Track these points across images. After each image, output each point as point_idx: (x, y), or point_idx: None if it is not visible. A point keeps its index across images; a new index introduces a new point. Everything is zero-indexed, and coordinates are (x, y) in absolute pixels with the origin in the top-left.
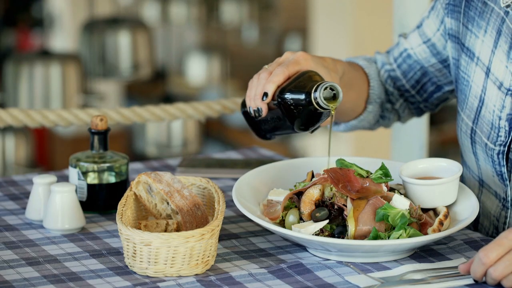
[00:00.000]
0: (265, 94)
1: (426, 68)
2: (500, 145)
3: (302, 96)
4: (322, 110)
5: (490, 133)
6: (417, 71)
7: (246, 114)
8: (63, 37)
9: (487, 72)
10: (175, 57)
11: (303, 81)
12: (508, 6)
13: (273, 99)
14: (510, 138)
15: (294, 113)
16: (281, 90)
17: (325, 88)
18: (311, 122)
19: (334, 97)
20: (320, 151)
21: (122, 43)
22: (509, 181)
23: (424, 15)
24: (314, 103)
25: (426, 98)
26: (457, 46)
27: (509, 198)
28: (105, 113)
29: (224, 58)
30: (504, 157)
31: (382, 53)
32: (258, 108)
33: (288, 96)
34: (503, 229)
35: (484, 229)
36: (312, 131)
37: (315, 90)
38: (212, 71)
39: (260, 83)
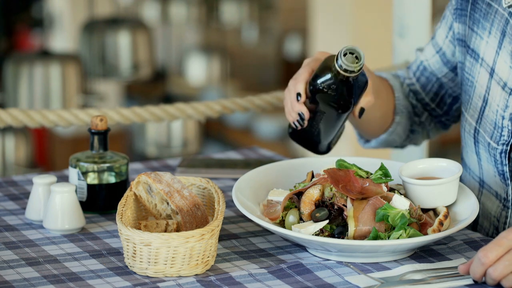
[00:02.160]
0: (298, 95)
1: (441, 80)
2: (503, 144)
3: (328, 74)
4: (352, 76)
5: (494, 133)
6: (434, 83)
7: (294, 133)
8: (63, 37)
9: (491, 72)
10: (175, 57)
11: (324, 63)
12: (510, 6)
13: (307, 97)
14: None
15: (331, 96)
16: (310, 83)
17: (345, 54)
18: (350, 95)
19: (357, 59)
20: None
21: (122, 43)
22: (511, 180)
23: (437, 26)
24: (341, 71)
25: (446, 110)
26: (463, 49)
27: (510, 198)
28: (105, 113)
29: (224, 58)
30: (507, 156)
31: (403, 69)
32: (299, 114)
33: (318, 82)
34: (503, 229)
35: (484, 230)
36: (360, 114)
37: (336, 60)
38: (212, 71)
39: (290, 91)
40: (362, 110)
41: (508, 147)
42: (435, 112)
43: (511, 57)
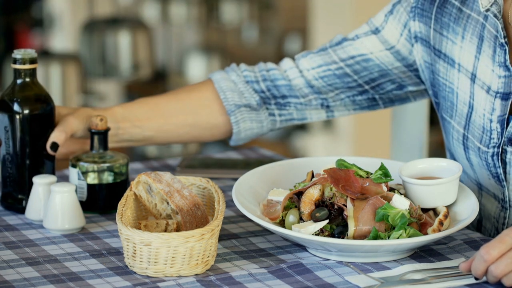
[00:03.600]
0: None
1: (387, 71)
2: (494, 147)
3: None
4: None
5: (482, 137)
6: (374, 72)
7: None
8: (63, 37)
9: (473, 78)
10: (175, 57)
11: None
12: (487, 10)
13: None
14: (503, 139)
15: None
16: None
17: None
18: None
19: None
20: (320, 151)
21: (122, 43)
22: (506, 181)
23: (375, 19)
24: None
25: (382, 93)
26: (428, 50)
27: (507, 199)
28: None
29: (224, 58)
30: (499, 158)
31: (314, 52)
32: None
33: None
34: (503, 230)
35: (487, 231)
36: (53, 148)
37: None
38: (212, 71)
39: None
40: (55, 145)
41: (500, 149)
42: (367, 92)
43: (493, 61)
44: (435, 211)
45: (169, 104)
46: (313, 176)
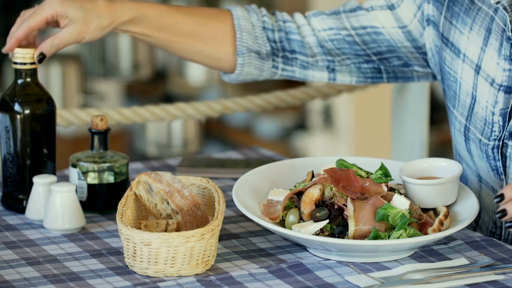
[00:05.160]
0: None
1: (395, 48)
2: (495, 139)
3: None
4: None
5: (484, 129)
6: (383, 46)
7: None
8: None
9: (477, 69)
10: (175, 57)
11: None
12: (498, 2)
13: None
14: (504, 132)
15: None
16: None
17: None
18: None
19: None
20: (320, 151)
21: (122, 43)
22: (505, 175)
23: None
24: None
25: (388, 65)
26: (438, 34)
27: None
28: (105, 113)
29: None
30: (499, 151)
31: (326, 14)
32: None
33: None
34: (501, 223)
35: (485, 224)
36: (40, 60)
37: None
38: (212, 71)
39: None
40: (41, 56)
41: (500, 143)
42: (373, 62)
43: (498, 54)
44: (435, 211)
45: (185, 24)
46: (313, 176)
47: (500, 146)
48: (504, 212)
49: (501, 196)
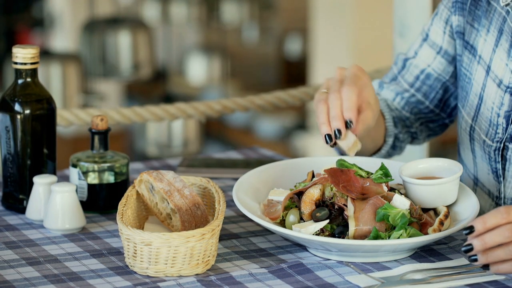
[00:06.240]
0: (350, 122)
1: (446, 83)
2: (498, 141)
3: None
4: None
5: (489, 130)
6: (439, 90)
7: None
8: (64, 37)
9: (488, 70)
10: (175, 57)
11: None
12: (507, 4)
13: None
14: (506, 135)
15: None
16: None
17: None
18: None
19: None
20: (320, 151)
21: (123, 43)
22: (503, 178)
23: (426, 26)
24: None
25: (450, 112)
26: (462, 42)
27: (503, 196)
28: (105, 113)
29: (224, 58)
30: (500, 153)
31: (386, 82)
32: (338, 130)
33: None
34: None
35: None
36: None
37: None
38: (212, 71)
39: (335, 105)
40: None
41: (502, 145)
42: (438, 117)
43: (508, 55)
44: (435, 211)
45: None
46: (313, 176)
47: (501, 148)
48: (469, 247)
49: (471, 228)
